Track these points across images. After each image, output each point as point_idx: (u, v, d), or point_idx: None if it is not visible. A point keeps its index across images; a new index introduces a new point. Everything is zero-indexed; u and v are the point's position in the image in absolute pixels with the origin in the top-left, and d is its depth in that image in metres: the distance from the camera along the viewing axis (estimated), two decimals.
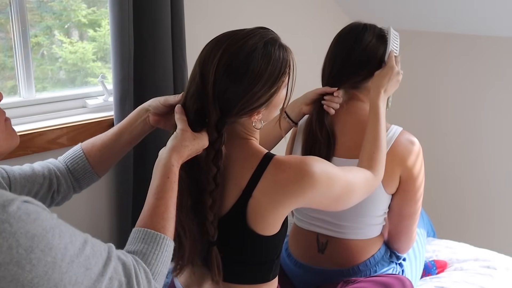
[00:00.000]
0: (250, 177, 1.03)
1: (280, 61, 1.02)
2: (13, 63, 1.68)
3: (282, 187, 1.02)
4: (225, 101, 1.00)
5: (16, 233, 0.67)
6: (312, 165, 1.03)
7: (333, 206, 1.14)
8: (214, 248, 1.05)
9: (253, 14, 2.19)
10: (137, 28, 1.68)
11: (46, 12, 1.81)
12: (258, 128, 1.09)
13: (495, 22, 2.16)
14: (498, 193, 2.42)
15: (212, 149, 1.02)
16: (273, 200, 1.03)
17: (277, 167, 1.03)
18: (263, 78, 0.99)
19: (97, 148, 1.16)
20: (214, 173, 1.01)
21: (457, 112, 2.49)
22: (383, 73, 1.36)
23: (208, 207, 1.02)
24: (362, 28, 1.40)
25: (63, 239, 0.71)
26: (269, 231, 1.06)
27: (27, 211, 0.69)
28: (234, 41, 1.00)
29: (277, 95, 1.04)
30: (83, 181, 1.19)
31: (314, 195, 1.05)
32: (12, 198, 0.69)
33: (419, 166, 1.38)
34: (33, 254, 0.67)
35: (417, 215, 1.43)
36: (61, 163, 1.17)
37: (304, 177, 1.02)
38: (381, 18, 1.66)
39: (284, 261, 1.52)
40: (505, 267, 1.65)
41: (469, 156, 2.48)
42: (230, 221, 1.05)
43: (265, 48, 1.00)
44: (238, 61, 0.98)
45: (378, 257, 1.43)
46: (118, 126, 1.17)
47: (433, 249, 1.82)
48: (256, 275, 1.11)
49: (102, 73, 1.90)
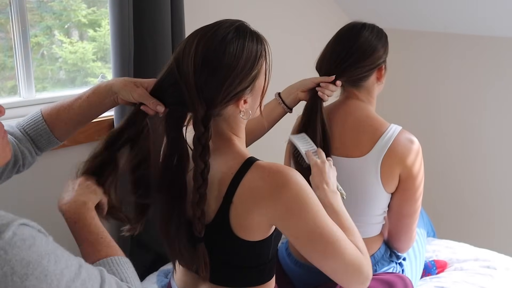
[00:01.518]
0: (230, 182, 1.01)
1: (254, 43, 1.02)
2: (13, 63, 1.68)
3: (256, 195, 0.99)
4: (208, 90, 0.99)
5: (11, 261, 0.66)
6: (293, 178, 0.98)
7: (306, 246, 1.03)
8: (201, 244, 1.04)
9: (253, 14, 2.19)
10: (137, 28, 1.68)
11: (46, 12, 1.81)
12: (245, 119, 1.07)
13: (495, 22, 2.16)
14: (498, 193, 2.42)
15: (198, 144, 1.00)
16: (249, 208, 1.00)
17: (255, 174, 1.00)
18: (242, 59, 0.99)
19: (63, 121, 1.14)
20: (201, 169, 1.00)
21: (457, 112, 2.49)
22: (313, 174, 1.22)
23: (196, 203, 1.01)
24: (361, 27, 1.41)
25: (59, 264, 0.71)
26: (254, 236, 1.03)
27: (22, 237, 0.68)
28: (206, 30, 1.01)
29: (258, 79, 1.03)
30: (45, 148, 1.18)
31: (286, 213, 0.99)
32: (8, 222, 0.69)
33: (418, 165, 1.38)
34: (28, 282, 0.67)
35: (417, 214, 1.43)
36: (22, 133, 1.14)
37: (281, 188, 0.98)
38: (381, 18, 1.66)
39: (284, 261, 1.52)
40: (505, 267, 1.65)
41: (469, 156, 2.48)
42: (215, 227, 1.04)
43: (237, 32, 1.01)
44: (214, 47, 0.98)
45: (378, 257, 1.43)
46: (87, 101, 1.13)
47: (433, 249, 1.81)
48: (248, 278, 1.10)
49: (102, 73, 1.90)
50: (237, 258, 1.07)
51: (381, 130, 1.38)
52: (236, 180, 1.01)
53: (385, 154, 1.35)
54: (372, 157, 1.36)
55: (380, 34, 1.42)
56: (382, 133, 1.37)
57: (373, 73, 1.42)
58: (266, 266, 1.10)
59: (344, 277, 1.05)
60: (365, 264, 1.05)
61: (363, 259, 1.06)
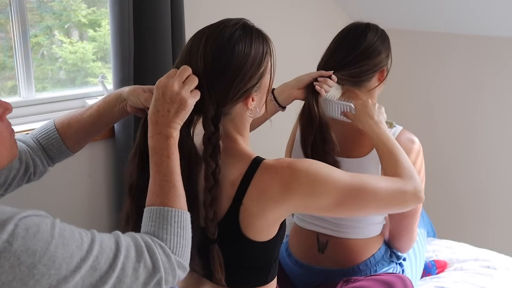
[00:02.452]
0: (239, 184, 1.01)
1: (260, 41, 1.03)
2: (13, 63, 1.68)
3: (270, 193, 1.00)
4: (218, 88, 0.99)
5: (16, 252, 0.67)
6: (300, 169, 1.01)
7: (339, 212, 1.09)
8: (215, 246, 1.03)
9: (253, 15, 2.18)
10: (137, 28, 1.68)
11: (46, 12, 1.81)
12: (252, 117, 1.07)
13: (495, 22, 2.16)
14: (498, 193, 2.42)
15: (209, 144, 1.00)
16: (262, 208, 1.00)
17: (265, 172, 1.01)
18: (250, 56, 1.00)
19: (74, 130, 1.15)
20: (213, 169, 1.00)
21: (457, 112, 2.49)
22: (357, 112, 1.33)
23: (208, 205, 1.00)
24: (366, 28, 1.40)
25: (67, 247, 0.71)
26: (263, 237, 1.04)
27: (25, 227, 0.69)
28: (212, 29, 1.01)
29: (265, 76, 1.04)
30: (57, 159, 1.18)
31: (306, 200, 1.02)
32: (11, 215, 0.69)
33: (419, 165, 1.38)
34: (35, 270, 0.68)
35: (418, 214, 1.43)
36: (35, 142, 1.15)
37: (291, 182, 1.00)
38: (381, 18, 1.66)
39: (284, 261, 1.52)
40: (505, 267, 1.64)
41: (469, 156, 2.48)
42: (224, 228, 1.03)
43: (244, 30, 1.02)
44: (223, 45, 0.99)
45: (378, 257, 1.43)
46: (97, 110, 1.14)
47: (433, 249, 1.81)
48: (253, 279, 1.10)
49: (102, 73, 1.90)
50: (244, 259, 1.07)
51: None
52: (245, 181, 1.01)
53: None
54: (372, 158, 1.36)
55: (383, 36, 1.42)
56: None
57: (375, 75, 1.43)
58: (271, 267, 1.11)
59: (393, 207, 1.16)
60: (403, 185, 1.13)
61: (399, 182, 1.14)
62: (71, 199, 1.75)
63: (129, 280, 0.78)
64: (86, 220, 1.81)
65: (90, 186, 1.79)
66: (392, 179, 1.15)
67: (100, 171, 1.80)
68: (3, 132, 0.88)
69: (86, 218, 1.81)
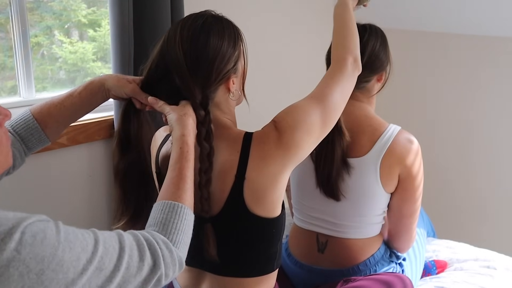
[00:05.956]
0: (238, 161, 1.04)
1: (230, 26, 1.09)
2: (13, 63, 1.68)
3: (271, 157, 1.04)
4: (200, 71, 1.03)
5: (25, 259, 0.67)
6: (280, 115, 1.07)
7: (325, 128, 1.13)
8: (208, 225, 1.05)
9: (252, 15, 2.19)
10: (137, 28, 1.68)
11: (46, 12, 1.81)
12: (234, 100, 1.11)
13: (495, 22, 2.16)
14: (498, 193, 2.42)
15: (202, 128, 1.03)
16: (269, 174, 1.04)
17: (259, 142, 1.05)
18: (225, 40, 1.05)
19: (55, 119, 1.14)
20: (208, 151, 1.03)
21: (457, 112, 2.49)
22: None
23: (203, 185, 1.03)
24: (363, 30, 1.41)
25: (73, 250, 0.72)
26: (271, 212, 1.07)
27: (32, 234, 0.69)
28: (185, 20, 1.07)
29: (240, 60, 1.10)
30: (35, 148, 1.17)
31: (297, 133, 1.05)
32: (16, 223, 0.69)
33: (418, 165, 1.38)
34: (44, 276, 0.68)
35: (417, 214, 1.43)
36: (12, 134, 1.13)
37: (279, 128, 1.05)
38: (381, 18, 1.67)
39: (284, 261, 1.52)
40: (505, 267, 1.64)
41: (469, 156, 2.48)
42: (229, 211, 1.05)
43: (213, 18, 1.08)
44: (198, 30, 1.04)
45: (378, 257, 1.43)
46: (79, 98, 1.14)
47: (433, 249, 1.82)
48: (256, 266, 1.11)
49: (102, 73, 1.91)
50: (251, 239, 1.09)
51: (380, 130, 1.38)
52: (243, 156, 1.04)
53: (384, 154, 1.35)
54: (371, 157, 1.36)
55: (383, 39, 1.44)
56: (381, 133, 1.38)
57: (375, 76, 1.43)
58: (277, 251, 1.13)
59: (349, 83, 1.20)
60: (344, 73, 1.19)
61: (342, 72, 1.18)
62: (71, 199, 1.75)
63: (133, 278, 0.79)
64: (86, 220, 1.80)
65: (90, 186, 1.79)
66: (341, 71, 1.18)
67: (100, 171, 1.80)
68: (2, 139, 0.86)
69: (86, 218, 1.80)
